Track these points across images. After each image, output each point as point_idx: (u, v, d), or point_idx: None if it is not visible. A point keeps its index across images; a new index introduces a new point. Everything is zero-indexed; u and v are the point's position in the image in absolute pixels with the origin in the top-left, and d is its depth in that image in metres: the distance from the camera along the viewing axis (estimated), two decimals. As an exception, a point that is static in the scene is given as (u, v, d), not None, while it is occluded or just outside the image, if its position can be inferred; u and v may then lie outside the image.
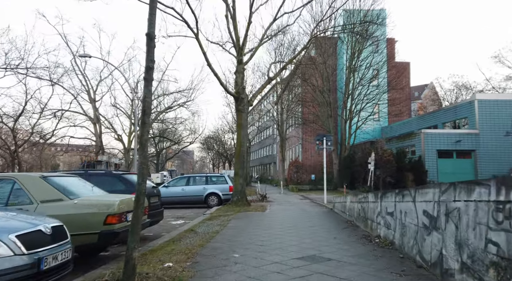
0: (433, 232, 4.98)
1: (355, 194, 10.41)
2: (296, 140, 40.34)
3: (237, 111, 15.04)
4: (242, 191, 14.90)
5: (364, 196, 9.20)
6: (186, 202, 16.78)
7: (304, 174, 33.15)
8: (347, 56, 29.97)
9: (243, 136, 15.01)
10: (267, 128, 57.12)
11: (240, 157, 15.21)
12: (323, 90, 29.83)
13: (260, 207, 14.69)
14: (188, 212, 15.29)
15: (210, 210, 14.07)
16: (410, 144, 28.06)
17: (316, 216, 11.97)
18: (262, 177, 57.07)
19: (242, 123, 14.88)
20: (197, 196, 16.62)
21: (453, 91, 46.47)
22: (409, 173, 25.01)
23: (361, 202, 9.42)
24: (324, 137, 16.17)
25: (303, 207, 15.17)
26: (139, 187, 4.37)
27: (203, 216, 12.31)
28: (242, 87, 14.67)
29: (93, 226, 5.42)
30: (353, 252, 6.31)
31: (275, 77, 15.90)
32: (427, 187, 5.36)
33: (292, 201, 18.64)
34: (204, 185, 16.92)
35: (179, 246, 6.95)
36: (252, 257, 6.01)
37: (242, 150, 15.09)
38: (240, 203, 14.44)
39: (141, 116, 4.47)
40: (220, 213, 12.83)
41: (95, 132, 38.11)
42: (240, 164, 15.26)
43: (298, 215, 12.23)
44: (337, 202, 12.91)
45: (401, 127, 33.65)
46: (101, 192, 6.70)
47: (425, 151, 26.35)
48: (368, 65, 29.44)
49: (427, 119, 31.70)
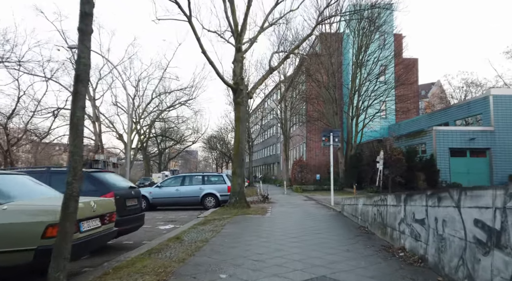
0: (494, 252, 3.49)
1: (369, 197, 8.94)
2: (300, 139, 38.84)
3: (236, 104, 13.57)
4: (241, 192, 13.44)
5: (382, 198, 7.70)
6: (181, 203, 15.37)
7: (308, 174, 31.63)
8: (353, 51, 28.43)
9: (242, 131, 13.58)
10: (271, 127, 55.62)
11: (239, 154, 13.77)
12: (329, 86, 28.31)
13: (260, 209, 13.23)
14: (183, 214, 13.87)
15: (205, 213, 12.63)
16: (420, 142, 26.47)
17: (323, 221, 10.49)
18: (265, 177, 55.58)
19: (240, 116, 13.42)
20: (193, 197, 15.20)
21: (462, 88, 44.76)
22: (420, 172, 23.45)
23: (378, 205, 7.93)
24: (331, 132, 14.67)
25: (308, 209, 13.68)
26: (68, 188, 2.92)
27: (196, 220, 10.88)
28: (241, 78, 13.21)
29: (27, 240, 3.97)
30: (374, 271, 4.84)
31: (277, 67, 14.43)
32: (481, 188, 3.87)
33: (296, 203, 17.16)
34: (201, 185, 15.48)
35: (155, 261, 5.50)
36: (243, 279, 4.55)
37: (240, 147, 13.64)
38: (239, 205, 13.00)
39: (74, 84, 3.01)
40: (215, 216, 11.39)
41: (94, 131, 36.88)
42: (238, 162, 13.81)
43: (302, 219, 10.75)
44: (346, 204, 11.42)
45: (410, 125, 32.04)
46: (54, 194, 5.26)
47: (437, 149, 24.76)
48: (376, 60, 27.87)
49: (437, 117, 30.06)
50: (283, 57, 14.54)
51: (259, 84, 14.24)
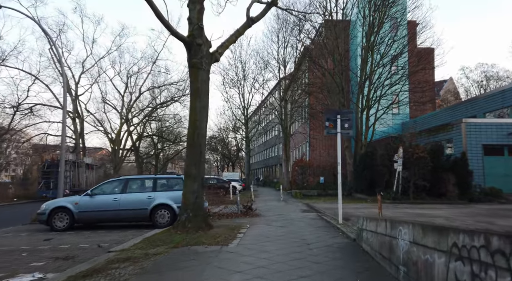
0: None
1: (435, 230, 3.79)
2: (302, 138, 33.57)
3: (191, 67, 8.32)
4: (197, 204, 8.21)
5: (487, 243, 2.47)
6: (122, 219, 10.27)
7: (311, 176, 26.30)
8: (363, 33, 23.20)
9: (200, 109, 8.34)
10: (273, 127, 50.36)
11: (195, 144, 8.45)
12: (335, 72, 23.08)
13: (227, 231, 8.06)
14: (116, 236, 8.80)
15: (129, 242, 7.46)
16: (445, 138, 21.13)
17: (328, 264, 5.31)
18: (266, 180, 50.26)
19: (199, 88, 8.25)
20: (138, 210, 10.07)
21: (481, 82, 39.20)
22: (449, 174, 18.07)
23: (473, 261, 2.71)
24: (337, 115, 9.49)
25: (304, 232, 8.45)
26: None
27: (89, 263, 5.73)
28: (199, 27, 8.12)
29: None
30: None
31: (258, 18, 9.27)
32: None
33: (289, 216, 11.97)
34: (151, 192, 10.38)
35: None
36: None
37: (197, 134, 8.37)
38: (192, 225, 7.85)
39: None
40: (136, 251, 6.27)
41: (75, 129, 32.06)
42: (194, 157, 8.41)
43: (289, 261, 5.57)
44: (368, 229, 6.19)
45: (428, 120, 26.61)
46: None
47: (467, 146, 19.41)
48: (390, 42, 22.60)
49: (461, 110, 24.62)
50: (268, 3, 9.39)
51: (231, 42, 9.11)
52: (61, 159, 12.87)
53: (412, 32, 24.92)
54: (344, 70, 23.62)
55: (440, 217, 11.00)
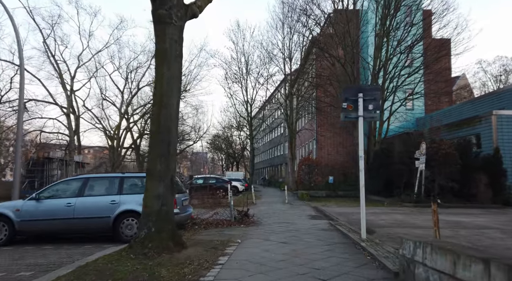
0: None
1: None
2: (309, 135, 30.93)
3: (156, 23, 5.86)
4: (163, 215, 5.54)
5: None
6: (76, 230, 7.79)
7: (318, 176, 23.64)
8: (377, 19, 20.56)
9: (168, 80, 5.61)
10: (278, 125, 47.74)
11: (161, 130, 5.77)
12: (345, 61, 20.46)
13: (206, 254, 5.54)
14: (45, 260, 6.31)
15: (55, 272, 4.94)
16: (471, 133, 18.36)
17: None
18: (271, 180, 47.63)
19: (167, 49, 5.66)
20: (98, 218, 7.58)
21: (500, 76, 36.21)
22: (480, 173, 15.34)
23: None
24: (359, 93, 6.95)
25: (315, 256, 5.90)
26: None
27: None
28: (167, -34, 5.73)
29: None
30: None
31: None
32: None
33: (295, 225, 9.42)
34: (116, 195, 7.92)
35: None
36: None
37: (164, 114, 5.65)
38: (154, 245, 5.31)
39: None
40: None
41: (69, 126, 29.84)
42: (159, 147, 5.76)
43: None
44: (429, 265, 3.60)
45: (446, 115, 23.75)
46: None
47: (498, 142, 16.66)
48: (408, 26, 19.90)
49: (486, 103, 21.69)
50: None
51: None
52: (16, 152, 10.46)
53: (430, 18, 22.23)
54: (355, 58, 20.97)
55: (490, 228, 8.35)
